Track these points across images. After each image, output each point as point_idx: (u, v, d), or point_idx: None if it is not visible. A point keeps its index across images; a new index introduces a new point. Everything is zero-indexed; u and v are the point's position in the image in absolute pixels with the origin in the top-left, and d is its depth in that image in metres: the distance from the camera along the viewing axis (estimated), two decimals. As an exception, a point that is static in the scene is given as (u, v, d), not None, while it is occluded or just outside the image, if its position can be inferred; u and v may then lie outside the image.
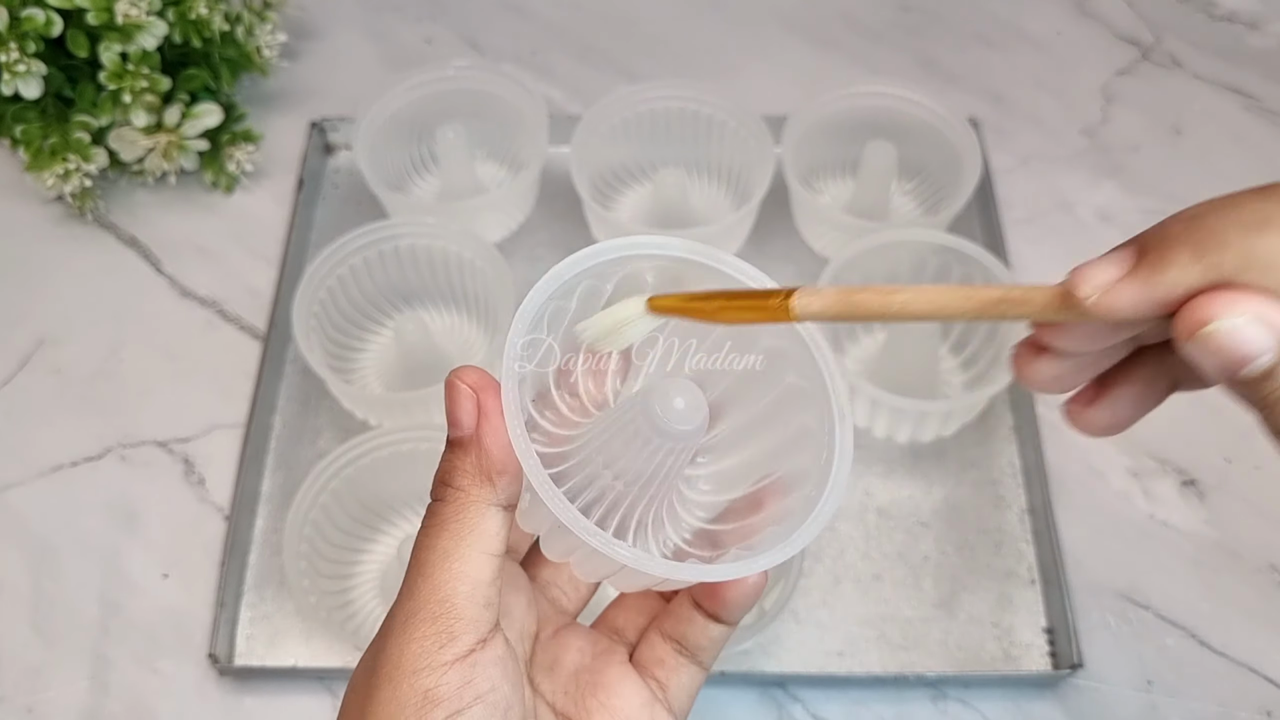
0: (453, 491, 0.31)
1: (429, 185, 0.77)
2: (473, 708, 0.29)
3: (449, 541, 0.30)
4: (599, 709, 0.34)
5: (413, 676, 0.29)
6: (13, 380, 0.69)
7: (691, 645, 0.35)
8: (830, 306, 0.30)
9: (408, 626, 0.29)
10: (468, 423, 0.31)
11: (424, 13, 0.87)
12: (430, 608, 0.29)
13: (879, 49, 0.85)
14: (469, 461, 0.31)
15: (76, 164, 0.70)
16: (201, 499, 0.65)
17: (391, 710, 0.28)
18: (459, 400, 0.31)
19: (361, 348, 0.70)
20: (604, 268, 0.34)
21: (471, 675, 0.29)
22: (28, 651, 0.60)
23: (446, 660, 0.29)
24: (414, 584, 0.30)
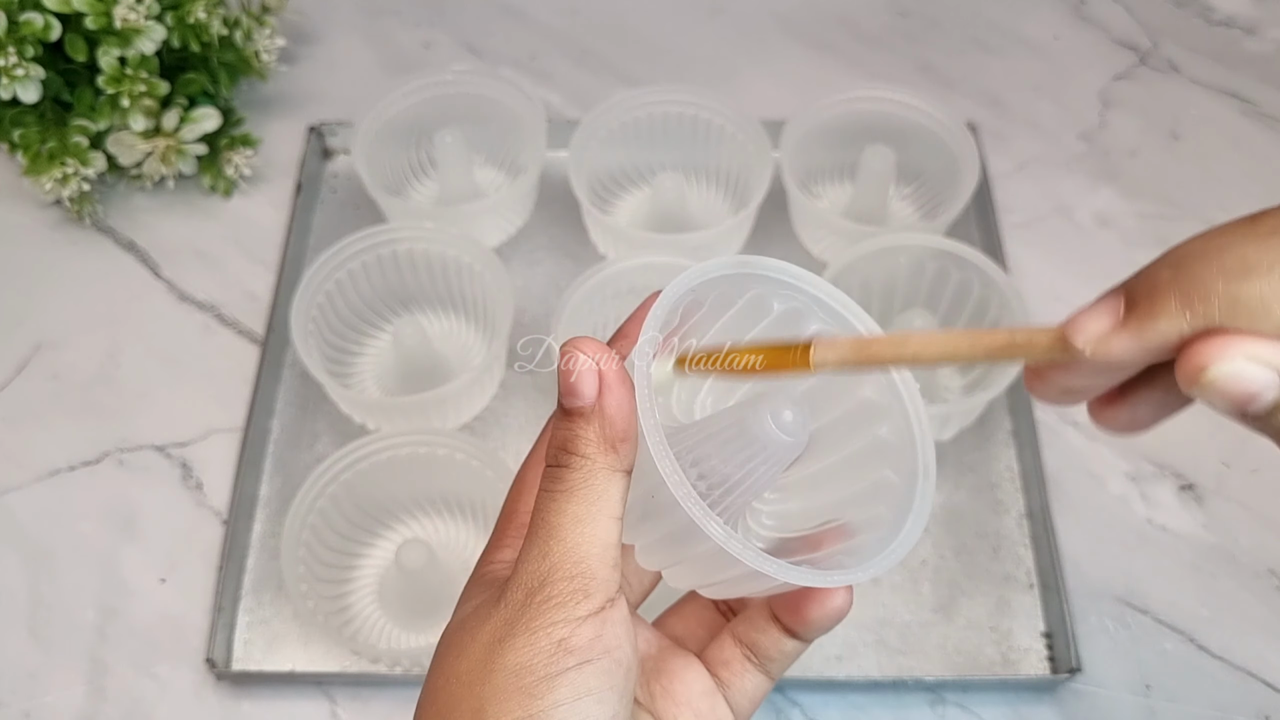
0: (578, 459, 0.32)
1: (427, 190, 0.77)
2: (601, 660, 0.30)
3: (579, 506, 0.31)
4: (663, 694, 0.36)
5: (550, 628, 0.30)
6: (10, 385, 0.69)
7: (762, 655, 0.37)
8: (846, 357, 0.31)
9: (545, 584, 0.31)
10: (589, 393, 0.31)
11: (422, 17, 0.87)
12: (566, 567, 0.31)
13: (877, 54, 0.85)
14: (592, 430, 0.32)
15: (74, 168, 0.70)
16: (199, 503, 0.65)
17: (527, 655, 0.30)
18: (580, 371, 0.32)
19: (360, 352, 0.70)
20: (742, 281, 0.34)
21: (602, 630, 0.30)
22: (25, 657, 0.60)
23: (581, 615, 0.30)
24: (547, 546, 0.31)
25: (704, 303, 0.34)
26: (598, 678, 0.30)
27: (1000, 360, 0.30)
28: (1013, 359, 0.30)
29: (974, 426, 0.67)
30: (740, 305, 0.35)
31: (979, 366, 0.66)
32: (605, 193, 0.76)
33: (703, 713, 0.36)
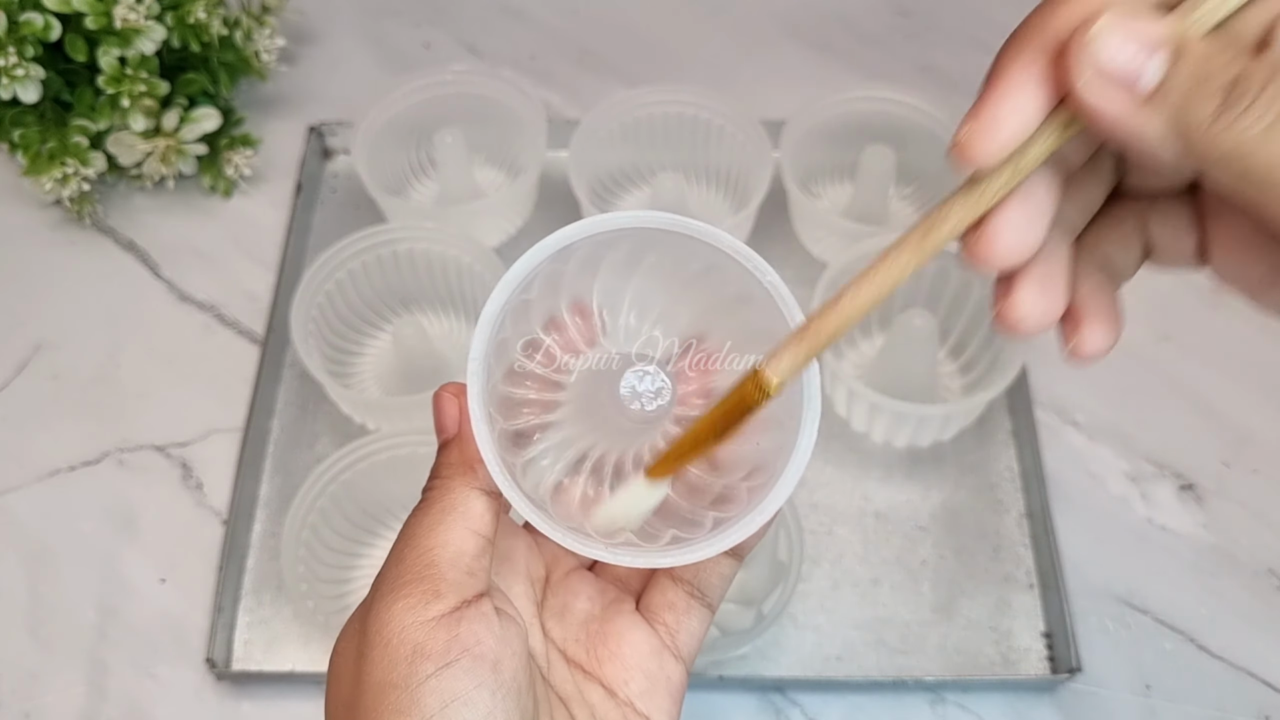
0: (439, 480, 0.33)
1: (427, 190, 0.77)
2: (460, 660, 0.30)
3: (434, 517, 0.32)
4: (610, 658, 0.35)
5: (402, 633, 0.30)
6: (10, 385, 0.69)
7: (704, 585, 0.37)
8: (799, 356, 0.30)
9: (395, 588, 0.31)
10: (450, 426, 0.34)
11: (422, 17, 0.87)
12: (416, 570, 0.31)
13: (877, 54, 0.85)
14: (453, 454, 0.33)
15: (74, 168, 0.70)
16: (199, 503, 0.65)
17: (385, 666, 0.30)
18: (443, 407, 0.34)
19: (360, 352, 0.70)
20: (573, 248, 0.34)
21: (457, 630, 0.30)
22: (25, 657, 0.60)
23: (432, 616, 0.30)
24: (400, 553, 0.32)
25: (563, 271, 0.34)
26: (461, 679, 0.30)
27: (932, 252, 0.28)
28: (939, 242, 0.28)
29: (974, 426, 0.67)
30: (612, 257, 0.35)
31: (980, 366, 0.66)
32: (605, 193, 0.76)
33: (652, 672, 0.35)
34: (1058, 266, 0.30)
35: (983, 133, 0.26)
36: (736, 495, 0.34)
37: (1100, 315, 0.31)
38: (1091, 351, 0.31)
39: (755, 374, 0.30)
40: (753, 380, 0.30)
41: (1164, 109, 0.24)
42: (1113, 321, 0.31)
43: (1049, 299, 0.30)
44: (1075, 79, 0.25)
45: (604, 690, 0.35)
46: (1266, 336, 0.70)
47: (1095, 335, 0.31)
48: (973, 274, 0.64)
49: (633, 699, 0.35)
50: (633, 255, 0.35)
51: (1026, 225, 0.28)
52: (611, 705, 0.35)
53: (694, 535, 0.33)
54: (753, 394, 0.30)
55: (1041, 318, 0.30)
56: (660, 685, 0.35)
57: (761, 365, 0.30)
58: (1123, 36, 0.25)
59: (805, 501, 0.64)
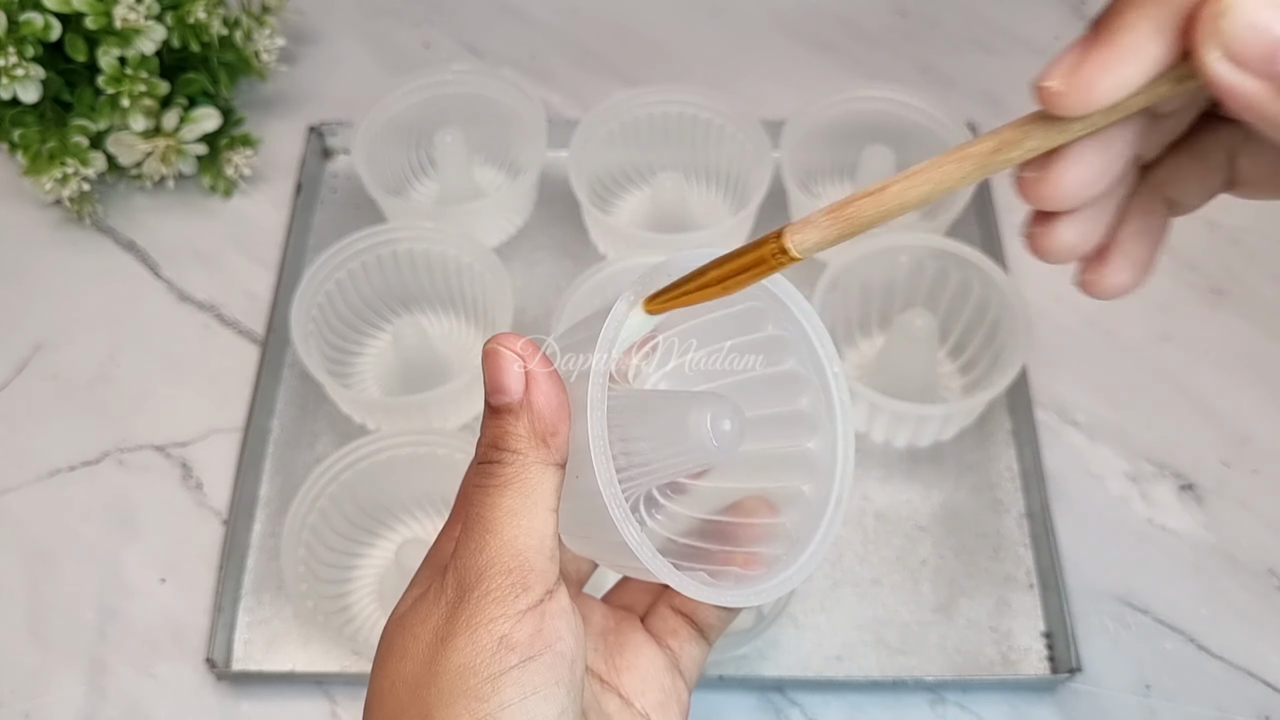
0: (510, 454, 0.31)
1: (427, 189, 0.77)
2: (544, 655, 0.30)
3: (514, 500, 0.31)
4: (627, 668, 0.36)
5: (489, 624, 0.30)
6: (10, 385, 0.69)
7: (702, 624, 0.37)
8: (829, 232, 0.28)
9: (483, 579, 0.30)
10: (516, 388, 0.31)
11: (422, 17, 0.87)
12: (504, 560, 0.30)
13: (876, 54, 0.85)
14: (522, 425, 0.31)
15: (74, 168, 0.70)
16: (199, 503, 0.65)
17: (469, 653, 0.30)
18: (507, 366, 0.31)
19: (360, 352, 0.70)
20: None
21: (542, 624, 0.30)
22: (25, 656, 0.60)
23: (521, 609, 0.30)
24: (482, 540, 0.31)
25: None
26: (542, 674, 0.30)
27: (996, 169, 0.26)
28: (1009, 161, 0.26)
29: (974, 426, 0.67)
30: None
31: (980, 365, 0.66)
32: (605, 192, 0.76)
33: (666, 687, 0.36)
34: (1112, 200, 0.27)
35: (1084, 82, 0.23)
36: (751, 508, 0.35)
37: (1134, 256, 0.28)
38: (1109, 292, 0.29)
39: (779, 234, 0.28)
40: (775, 240, 0.28)
41: None
42: (1144, 264, 0.29)
43: (1090, 232, 0.27)
44: (1204, 54, 0.22)
45: (620, 700, 0.35)
46: (1267, 337, 0.70)
47: (1120, 276, 0.29)
48: (972, 274, 0.64)
49: (649, 710, 0.35)
50: None
51: (1098, 171, 0.25)
52: (628, 715, 0.35)
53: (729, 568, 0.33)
54: (770, 256, 0.29)
55: (1074, 251, 0.28)
56: (672, 700, 0.36)
57: (788, 229, 0.28)
58: (1262, 7, 0.21)
59: (805, 501, 0.64)
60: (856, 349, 0.69)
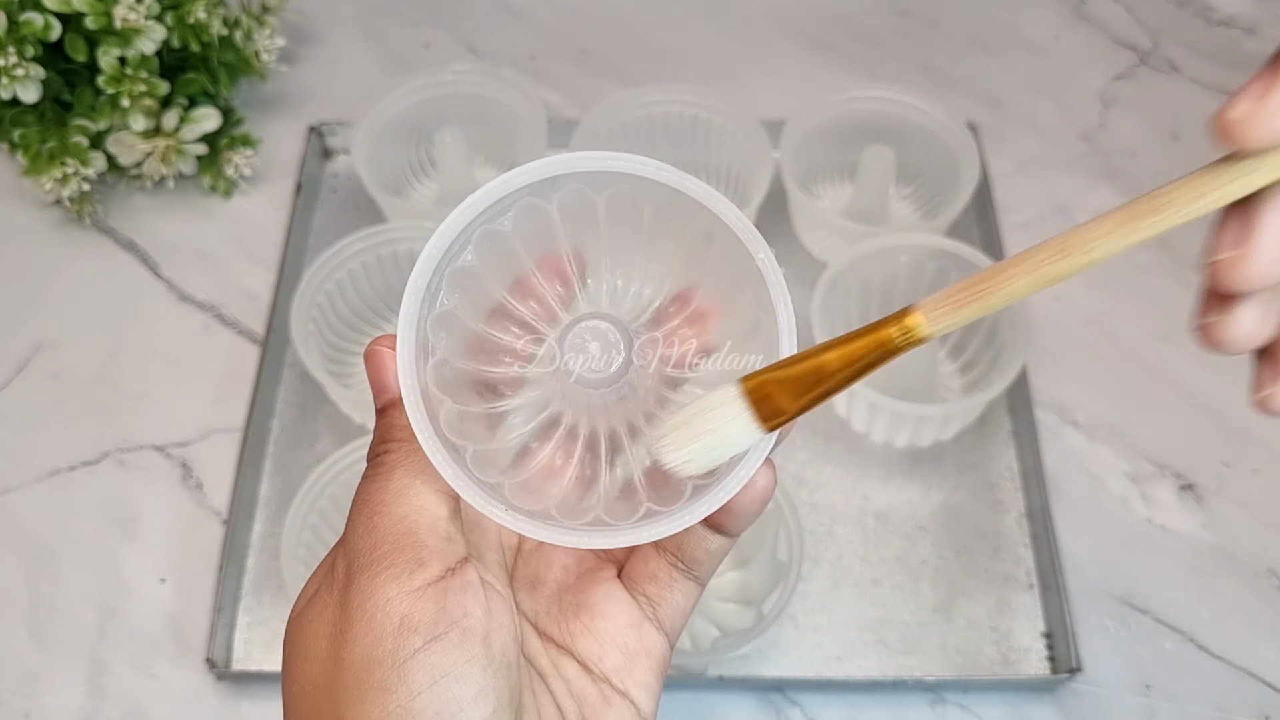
0: (395, 444, 0.31)
1: (427, 189, 0.77)
2: (449, 633, 0.28)
3: (400, 482, 0.30)
4: (583, 631, 0.33)
5: (386, 604, 0.28)
6: (10, 385, 0.69)
7: (689, 559, 0.33)
8: (962, 312, 0.26)
9: (375, 559, 0.29)
10: (395, 385, 0.30)
11: (422, 17, 0.87)
12: (395, 538, 0.29)
13: (877, 54, 0.85)
14: (405, 416, 0.30)
15: (75, 168, 0.70)
16: (199, 503, 0.65)
17: (369, 641, 0.28)
18: (383, 363, 0.31)
19: (359, 352, 0.70)
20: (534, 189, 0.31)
21: (444, 601, 0.28)
22: (25, 656, 0.60)
23: (418, 586, 0.28)
24: (370, 522, 0.29)
25: (505, 231, 0.32)
26: (450, 653, 0.28)
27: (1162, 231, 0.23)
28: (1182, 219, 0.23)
29: (974, 426, 0.67)
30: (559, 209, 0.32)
31: (980, 366, 0.66)
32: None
33: (629, 646, 0.33)
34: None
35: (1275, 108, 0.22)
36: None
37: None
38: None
39: (904, 314, 0.26)
40: (899, 321, 0.26)
41: None
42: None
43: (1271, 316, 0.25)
44: None
45: (578, 665, 0.33)
46: (1266, 336, 0.70)
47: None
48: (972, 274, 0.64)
49: (608, 674, 0.33)
50: (579, 204, 0.32)
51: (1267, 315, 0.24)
52: (587, 680, 0.33)
53: (670, 507, 0.30)
54: (896, 337, 0.26)
55: (1254, 340, 0.26)
56: (639, 659, 0.33)
57: (916, 307, 0.26)
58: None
59: (805, 501, 0.64)
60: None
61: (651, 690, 0.33)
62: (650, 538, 0.29)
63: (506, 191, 0.30)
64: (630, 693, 0.32)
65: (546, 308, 0.33)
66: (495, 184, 0.30)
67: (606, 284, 0.34)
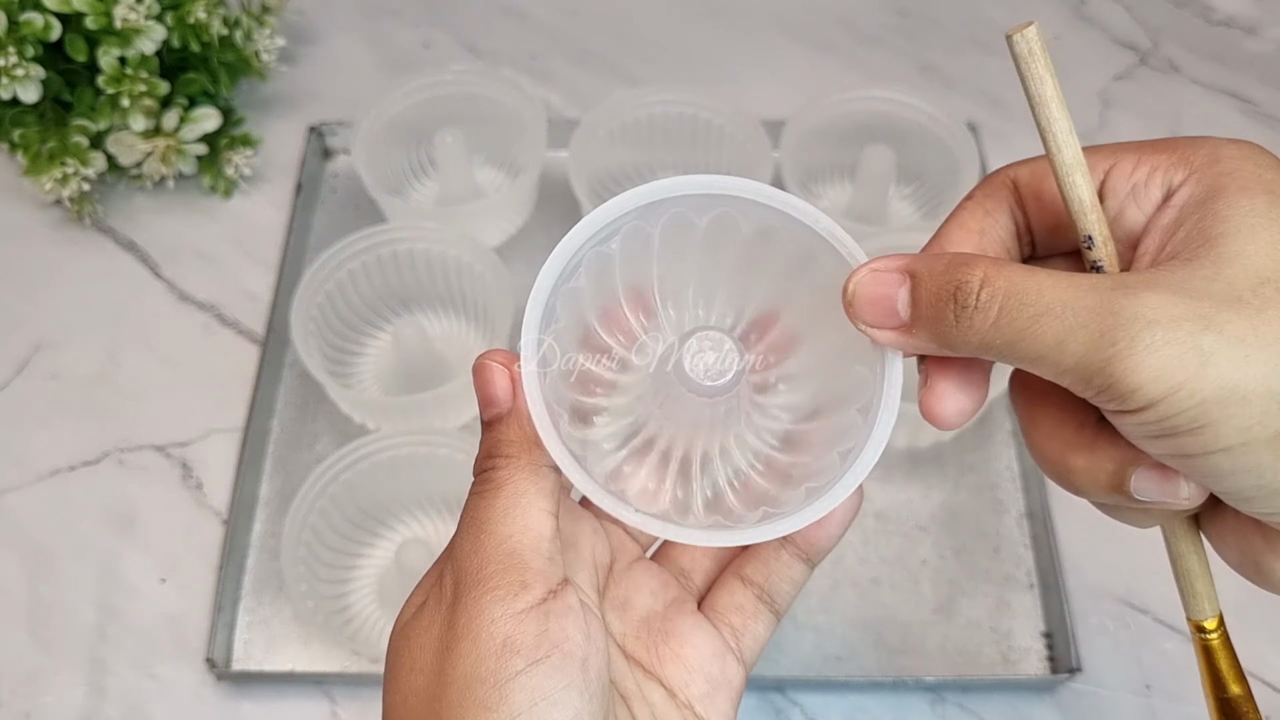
0: (502, 460, 0.31)
1: (427, 190, 0.77)
2: (550, 657, 0.29)
3: (507, 501, 0.31)
4: (672, 658, 0.35)
5: (491, 625, 0.29)
6: (10, 385, 0.69)
7: (774, 589, 0.36)
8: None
9: (481, 579, 0.30)
10: (504, 398, 0.32)
11: (422, 17, 0.87)
12: (500, 559, 0.30)
13: (877, 54, 0.85)
14: (513, 431, 0.31)
15: (74, 168, 0.70)
16: (199, 503, 0.65)
17: (473, 660, 0.29)
18: (493, 379, 0.32)
19: (360, 352, 0.70)
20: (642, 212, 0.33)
21: (546, 625, 0.29)
22: (25, 657, 0.60)
23: (521, 609, 0.29)
24: (478, 541, 0.30)
25: (611, 254, 0.33)
26: (551, 677, 0.29)
27: None
28: None
29: (974, 426, 0.67)
30: (661, 233, 0.33)
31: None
32: (605, 192, 0.76)
33: (714, 675, 0.35)
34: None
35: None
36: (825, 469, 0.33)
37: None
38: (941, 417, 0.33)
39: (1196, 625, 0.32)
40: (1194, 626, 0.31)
41: (922, 328, 0.29)
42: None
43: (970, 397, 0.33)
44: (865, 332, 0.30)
45: (665, 690, 0.34)
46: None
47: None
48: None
49: (693, 701, 0.34)
50: (680, 228, 0.33)
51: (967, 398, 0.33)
52: (671, 706, 0.34)
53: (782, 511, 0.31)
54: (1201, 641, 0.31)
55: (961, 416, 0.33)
56: (721, 688, 0.35)
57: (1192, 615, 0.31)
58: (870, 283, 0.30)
59: (805, 501, 0.64)
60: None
61: (728, 718, 0.35)
62: (775, 534, 0.31)
63: (620, 214, 0.32)
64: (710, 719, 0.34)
65: (630, 338, 0.34)
66: (609, 205, 0.32)
67: (689, 313, 0.35)
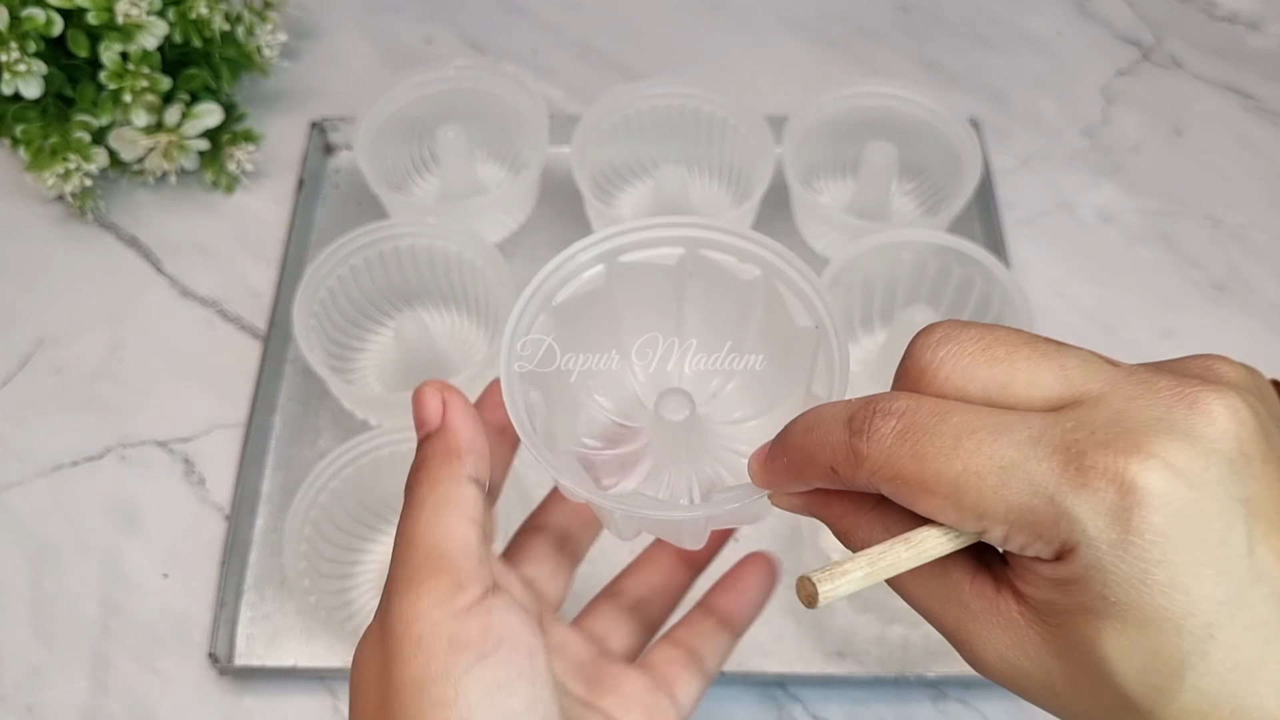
0: (425, 473, 0.33)
1: (429, 185, 0.77)
2: (499, 650, 0.29)
3: (430, 512, 0.32)
4: (609, 692, 0.36)
5: (434, 627, 0.29)
6: (12, 380, 0.69)
7: (701, 653, 0.38)
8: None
9: (412, 586, 0.30)
10: (433, 419, 0.34)
11: (424, 13, 0.87)
12: (429, 565, 0.30)
13: (879, 49, 0.85)
14: (439, 445, 0.33)
15: (77, 164, 0.70)
16: (201, 499, 0.65)
17: (419, 661, 0.29)
18: (425, 401, 0.34)
19: (362, 348, 0.70)
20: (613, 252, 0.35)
21: (489, 620, 0.30)
22: (28, 651, 0.60)
23: (462, 607, 0.30)
24: (406, 554, 0.31)
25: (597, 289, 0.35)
26: (501, 669, 0.29)
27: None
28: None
29: (976, 422, 0.66)
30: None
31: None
32: (608, 186, 0.76)
33: (650, 707, 0.36)
34: None
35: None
36: None
37: None
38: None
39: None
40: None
41: None
42: None
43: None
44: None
45: (605, 718, 0.36)
46: (1269, 333, 0.70)
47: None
48: (974, 271, 0.64)
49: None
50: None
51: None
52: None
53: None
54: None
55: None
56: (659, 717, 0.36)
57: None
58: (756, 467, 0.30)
59: (807, 497, 0.64)
60: (859, 345, 0.69)
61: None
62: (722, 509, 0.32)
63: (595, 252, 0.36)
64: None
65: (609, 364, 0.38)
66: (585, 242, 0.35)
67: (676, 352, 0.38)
